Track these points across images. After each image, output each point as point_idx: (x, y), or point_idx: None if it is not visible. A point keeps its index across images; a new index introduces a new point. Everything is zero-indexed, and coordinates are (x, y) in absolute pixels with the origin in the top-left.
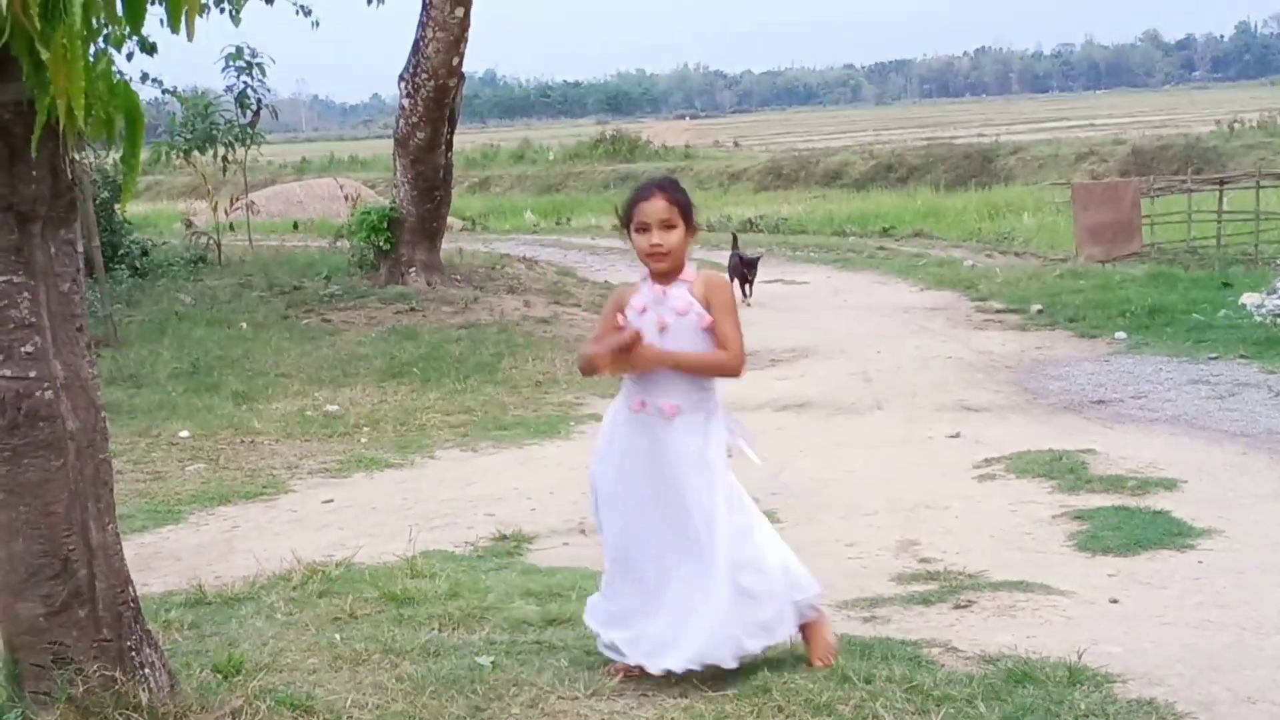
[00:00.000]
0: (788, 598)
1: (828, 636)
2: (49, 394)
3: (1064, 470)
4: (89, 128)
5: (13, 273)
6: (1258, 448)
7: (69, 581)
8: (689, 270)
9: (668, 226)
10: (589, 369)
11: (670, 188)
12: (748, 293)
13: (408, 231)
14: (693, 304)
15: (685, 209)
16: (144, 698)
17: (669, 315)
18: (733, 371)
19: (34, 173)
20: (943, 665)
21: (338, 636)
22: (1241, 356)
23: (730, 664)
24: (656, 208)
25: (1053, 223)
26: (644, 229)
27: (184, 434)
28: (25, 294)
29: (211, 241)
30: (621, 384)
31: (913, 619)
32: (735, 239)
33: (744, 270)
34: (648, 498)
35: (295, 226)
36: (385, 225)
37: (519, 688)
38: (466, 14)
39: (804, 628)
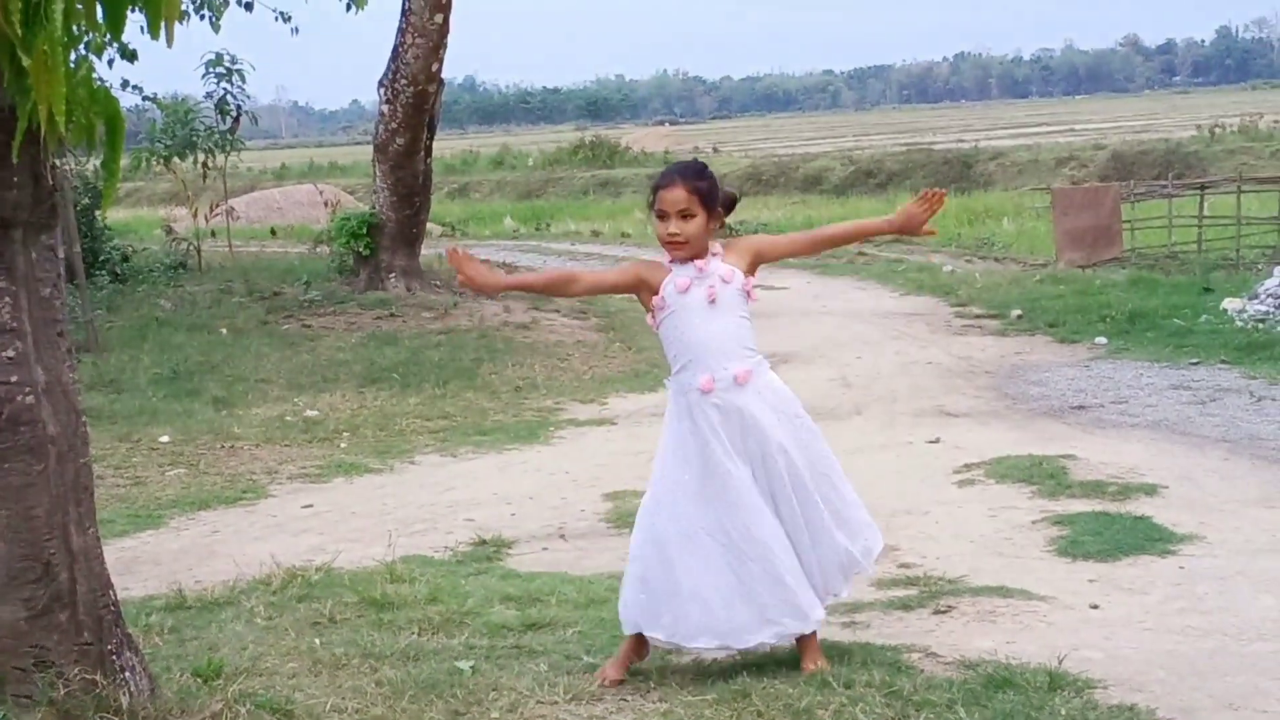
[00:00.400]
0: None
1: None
2: (30, 399)
3: (1044, 475)
4: (70, 134)
5: None
6: (1239, 453)
7: (50, 585)
8: (714, 246)
9: (686, 215)
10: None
11: (692, 175)
12: None
13: (387, 237)
14: (734, 271)
15: (706, 196)
16: (124, 701)
17: (717, 284)
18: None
19: (15, 179)
20: (923, 670)
21: (317, 641)
22: (1223, 362)
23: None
24: (675, 197)
25: (1032, 228)
26: (663, 216)
27: (164, 439)
28: (6, 299)
29: (191, 247)
30: (670, 381)
31: (893, 624)
32: None
33: None
34: (746, 475)
35: (273, 233)
36: (365, 231)
37: (498, 692)
38: (446, 20)
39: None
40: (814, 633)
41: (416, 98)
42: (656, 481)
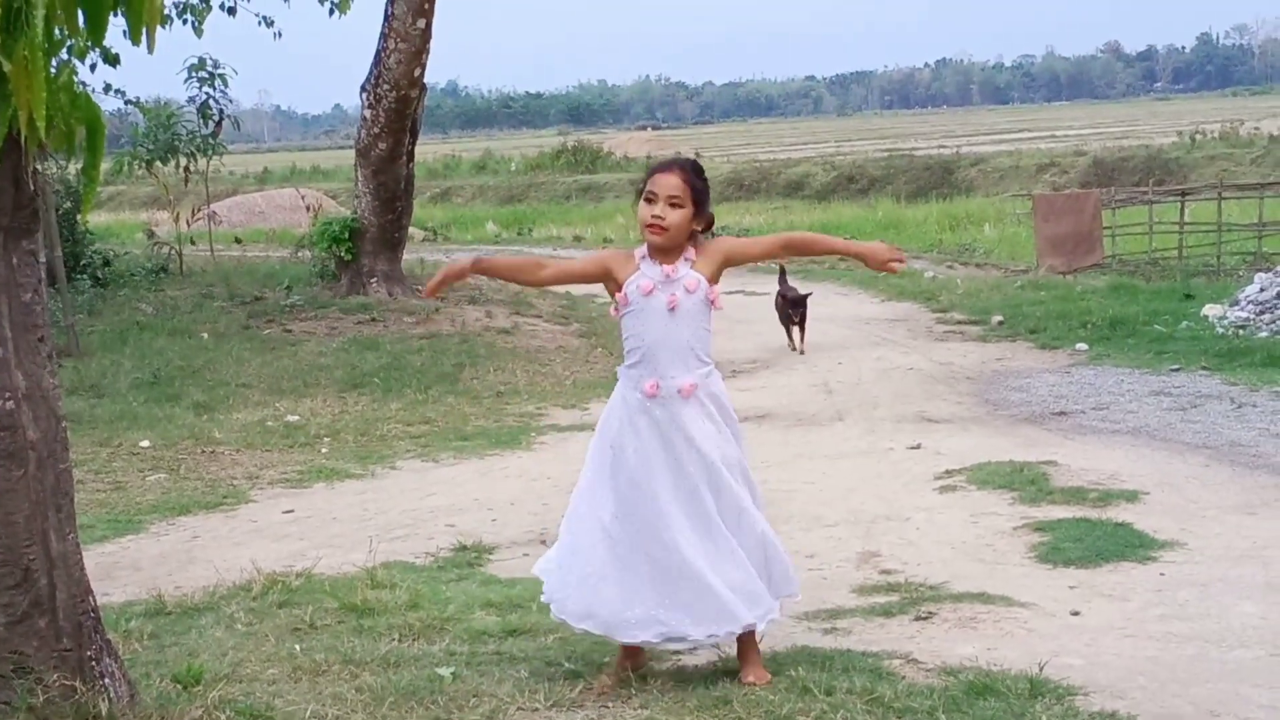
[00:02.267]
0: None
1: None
2: (10, 404)
3: (1025, 482)
4: (50, 139)
5: None
6: (1220, 460)
7: (29, 591)
8: (689, 250)
9: (674, 204)
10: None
11: (690, 169)
12: (799, 339)
13: (369, 242)
14: (700, 280)
15: (698, 194)
16: (104, 708)
17: (680, 293)
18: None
19: None
20: (904, 677)
21: (297, 647)
22: (1203, 368)
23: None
24: (669, 183)
25: (1014, 234)
26: (651, 199)
27: (145, 444)
28: None
29: (173, 252)
30: (622, 370)
31: (874, 631)
32: (783, 271)
33: (789, 311)
34: (668, 482)
35: (237, 240)
36: (347, 236)
37: (479, 699)
38: (428, 25)
39: (741, 640)
40: (753, 644)
41: (399, 102)
42: (588, 462)
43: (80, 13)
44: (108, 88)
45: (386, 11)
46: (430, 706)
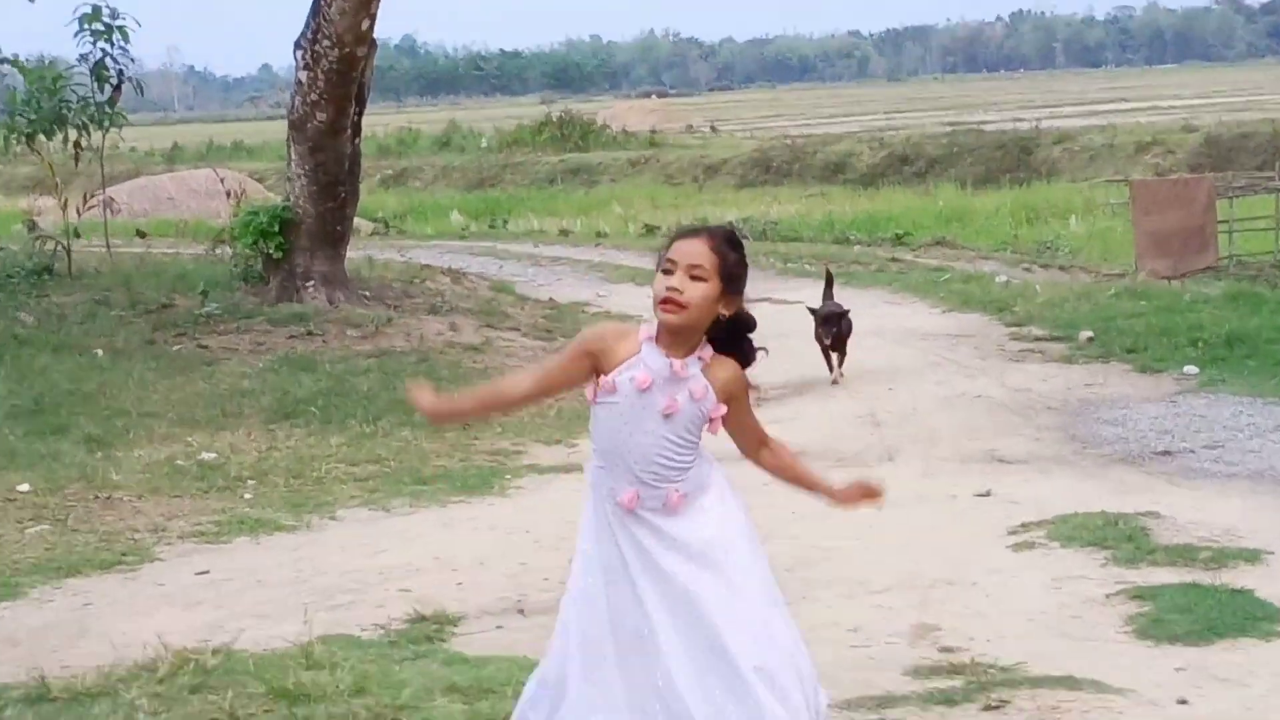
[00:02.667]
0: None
1: None
2: None
3: (1120, 538)
4: None
5: None
6: None
7: None
8: (704, 348)
9: (696, 276)
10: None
11: (722, 237)
12: (837, 365)
13: (305, 236)
14: (708, 391)
15: (729, 267)
16: None
17: (683, 398)
18: None
19: None
20: None
21: None
22: None
23: None
24: (691, 250)
25: (1106, 229)
26: (668, 270)
27: (24, 488)
28: None
29: (60, 247)
30: (589, 467)
31: None
32: (829, 279)
33: (820, 330)
34: (657, 599)
35: (140, 234)
36: (277, 228)
37: None
38: None
39: None
40: None
41: (342, 62)
42: (573, 576)
43: None
44: None
45: None
46: None
